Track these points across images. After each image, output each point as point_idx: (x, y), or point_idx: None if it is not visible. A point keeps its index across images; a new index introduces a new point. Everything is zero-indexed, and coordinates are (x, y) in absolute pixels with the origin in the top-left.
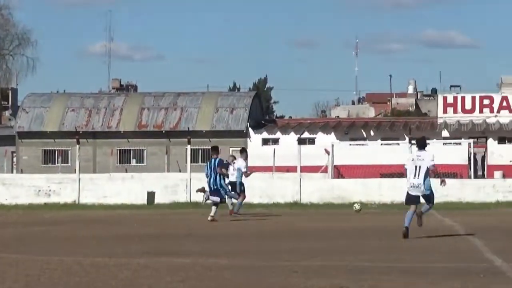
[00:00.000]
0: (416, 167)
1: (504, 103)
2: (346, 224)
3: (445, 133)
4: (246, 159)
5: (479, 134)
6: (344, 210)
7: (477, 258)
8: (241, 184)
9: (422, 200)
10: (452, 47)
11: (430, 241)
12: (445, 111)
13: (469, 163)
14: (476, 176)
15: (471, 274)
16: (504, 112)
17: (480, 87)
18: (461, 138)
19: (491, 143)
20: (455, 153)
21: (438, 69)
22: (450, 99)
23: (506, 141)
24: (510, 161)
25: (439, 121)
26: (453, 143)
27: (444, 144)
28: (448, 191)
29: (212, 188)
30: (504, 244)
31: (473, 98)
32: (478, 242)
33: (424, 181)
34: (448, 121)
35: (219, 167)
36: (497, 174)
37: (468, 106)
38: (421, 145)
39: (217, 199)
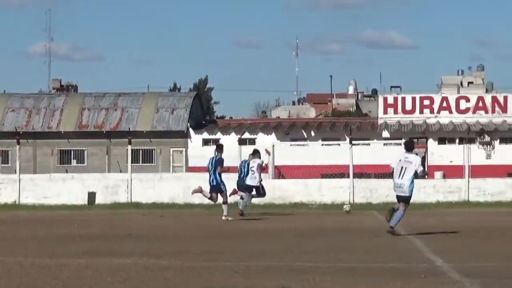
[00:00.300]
0: (402, 167)
1: (444, 104)
2: (287, 224)
3: (385, 134)
4: (260, 158)
5: (420, 134)
6: (285, 211)
7: (418, 258)
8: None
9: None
10: (392, 47)
11: (371, 242)
12: (385, 112)
13: None
14: (416, 177)
15: (412, 274)
16: (444, 113)
17: (420, 87)
18: (401, 139)
19: (432, 143)
20: (396, 153)
21: (379, 70)
22: (390, 100)
23: (446, 141)
24: (451, 161)
25: (380, 121)
26: (394, 143)
27: (384, 144)
28: (388, 192)
29: (211, 184)
30: (444, 244)
31: (413, 99)
32: (419, 242)
33: (407, 182)
34: (389, 121)
35: (219, 166)
36: (438, 174)
37: (408, 106)
38: (409, 148)
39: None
